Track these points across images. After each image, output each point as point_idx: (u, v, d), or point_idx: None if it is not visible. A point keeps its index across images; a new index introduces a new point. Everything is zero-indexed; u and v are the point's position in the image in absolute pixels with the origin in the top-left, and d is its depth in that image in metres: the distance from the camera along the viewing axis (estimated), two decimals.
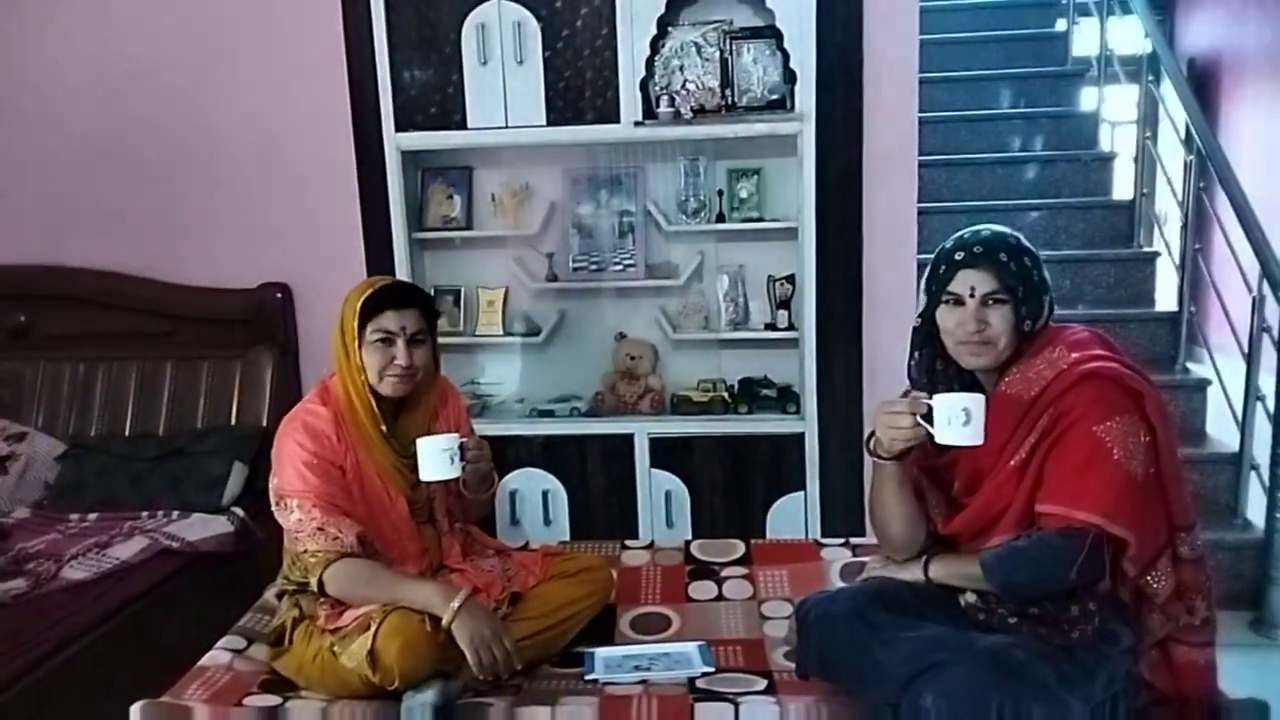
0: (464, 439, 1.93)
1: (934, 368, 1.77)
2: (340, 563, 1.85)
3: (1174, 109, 3.83)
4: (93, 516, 2.82)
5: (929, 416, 1.63)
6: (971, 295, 1.66)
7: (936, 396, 1.64)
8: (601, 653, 2.02)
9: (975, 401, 1.61)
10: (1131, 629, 1.67)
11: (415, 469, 1.94)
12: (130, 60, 3.19)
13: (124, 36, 3.18)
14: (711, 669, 1.95)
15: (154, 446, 2.99)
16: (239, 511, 2.85)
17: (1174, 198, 3.83)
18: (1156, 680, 1.70)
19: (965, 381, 1.76)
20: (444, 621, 1.78)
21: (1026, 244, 1.70)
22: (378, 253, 3.03)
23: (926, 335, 1.76)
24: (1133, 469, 1.58)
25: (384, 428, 1.96)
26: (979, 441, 1.61)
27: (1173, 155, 3.90)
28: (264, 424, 3.02)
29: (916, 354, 1.79)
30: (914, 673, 1.59)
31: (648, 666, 1.96)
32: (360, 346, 1.93)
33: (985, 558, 1.68)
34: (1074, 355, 1.65)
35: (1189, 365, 3.69)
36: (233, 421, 3.08)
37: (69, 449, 3.04)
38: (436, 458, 1.88)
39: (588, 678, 1.93)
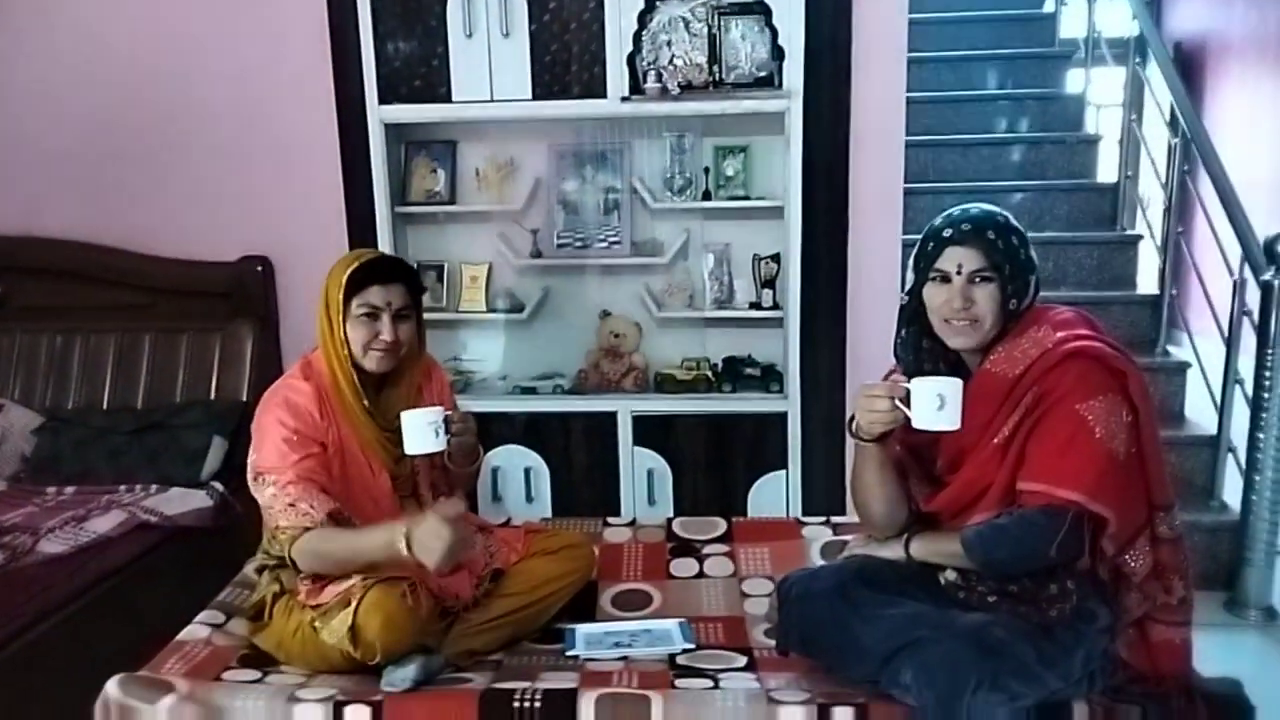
0: (449, 412, 1.92)
1: (919, 345, 1.77)
2: (304, 536, 1.82)
3: (1160, 92, 3.84)
4: (70, 490, 2.80)
5: (907, 400, 1.64)
6: (958, 273, 1.67)
7: (914, 381, 1.64)
8: (582, 629, 2.03)
9: (952, 387, 1.61)
10: (1109, 608, 1.68)
11: (399, 443, 1.92)
12: (111, 31, 3.13)
13: (104, 8, 3.12)
14: (692, 646, 1.96)
15: (132, 420, 2.96)
16: (218, 486, 2.83)
17: (1158, 180, 3.84)
18: (1133, 659, 1.72)
19: (950, 360, 1.76)
20: (402, 550, 1.71)
21: (1014, 223, 1.71)
22: (360, 226, 3.00)
23: (913, 313, 1.76)
24: (1114, 448, 1.59)
25: (366, 402, 1.95)
26: (955, 427, 1.62)
27: (1157, 138, 3.91)
28: (244, 398, 3.00)
29: (903, 331, 1.79)
30: (893, 650, 1.61)
31: (628, 643, 1.97)
32: (344, 320, 1.91)
33: (966, 535, 1.69)
34: (1059, 334, 1.66)
35: (1169, 348, 3.72)
36: (212, 395, 3.06)
37: (46, 421, 3.00)
38: (421, 431, 1.86)
39: (568, 654, 1.94)
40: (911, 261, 1.75)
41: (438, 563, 1.69)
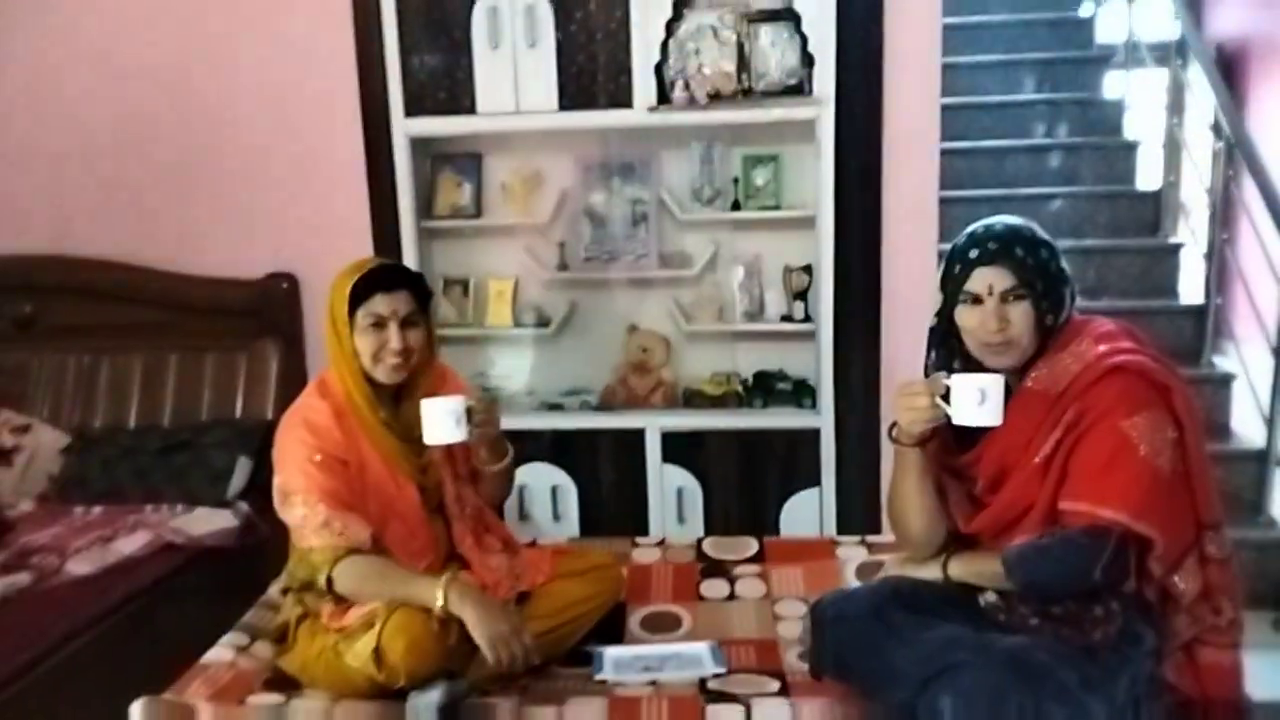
0: (471, 401, 1.88)
1: (951, 368, 1.72)
2: (351, 559, 1.81)
3: (1202, 95, 3.75)
4: (97, 510, 2.79)
5: (947, 397, 1.61)
6: (990, 293, 1.63)
7: (954, 376, 1.62)
8: (611, 652, 1.98)
9: (994, 381, 1.59)
10: (1155, 630, 1.62)
11: (421, 452, 1.90)
12: (136, 48, 3.15)
13: (130, 25, 3.14)
14: (723, 670, 1.91)
15: (158, 439, 2.96)
16: (244, 505, 2.82)
17: (1201, 186, 3.75)
18: (1180, 682, 1.66)
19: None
20: (437, 608, 1.73)
21: (1042, 235, 1.66)
22: (386, 242, 2.99)
23: (944, 334, 1.72)
24: (1159, 465, 1.54)
25: (383, 415, 1.92)
26: (997, 422, 1.59)
27: (1200, 143, 3.82)
28: (269, 417, 2.98)
29: (932, 354, 1.75)
30: (931, 674, 1.56)
31: (658, 667, 1.92)
32: (352, 333, 1.88)
33: (1007, 556, 1.64)
34: (1100, 348, 1.61)
35: (1214, 359, 3.62)
36: (238, 414, 3.05)
37: (73, 441, 3.01)
38: (441, 419, 1.82)
39: (596, 677, 1.89)
40: (939, 282, 1.71)
41: (491, 647, 1.72)
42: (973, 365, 1.70)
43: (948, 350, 1.72)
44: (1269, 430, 3.12)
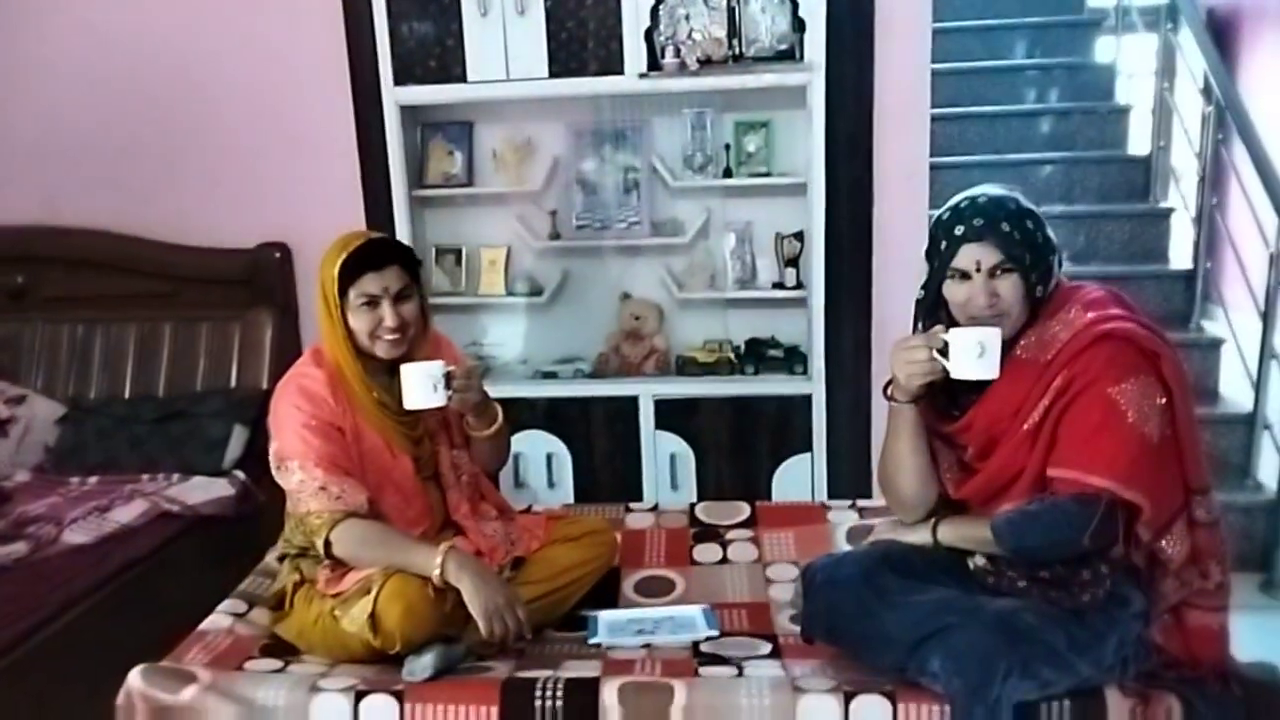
0: (450, 366, 1.89)
1: None
2: (349, 523, 1.82)
3: (1192, 60, 3.74)
4: (93, 480, 2.80)
5: (945, 353, 1.62)
6: (978, 270, 1.63)
7: (953, 330, 1.63)
8: (605, 616, 2.01)
9: (991, 335, 1.60)
10: (1143, 593, 1.65)
11: (415, 424, 1.92)
12: (126, 18, 3.11)
13: None
14: (716, 633, 1.94)
15: (154, 409, 2.97)
16: (240, 474, 2.83)
17: (1191, 151, 3.75)
18: (1168, 644, 1.68)
19: None
20: (435, 578, 1.75)
21: (1026, 205, 1.66)
22: (377, 210, 2.98)
23: (931, 307, 1.72)
24: (1147, 432, 1.55)
25: (376, 395, 1.92)
26: (994, 375, 1.60)
27: (1190, 108, 3.81)
28: (264, 386, 2.98)
29: (919, 325, 1.76)
30: (921, 637, 1.58)
31: (652, 630, 1.95)
32: (345, 312, 1.88)
33: (996, 522, 1.65)
34: (1089, 315, 1.62)
35: (1203, 323, 3.64)
36: (232, 383, 3.05)
37: (68, 412, 3.01)
38: (420, 384, 1.84)
39: (591, 641, 1.92)
40: (925, 254, 1.71)
41: (486, 619, 1.73)
42: None
43: (935, 322, 1.72)
44: (1256, 394, 3.13)
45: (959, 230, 1.63)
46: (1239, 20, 5.23)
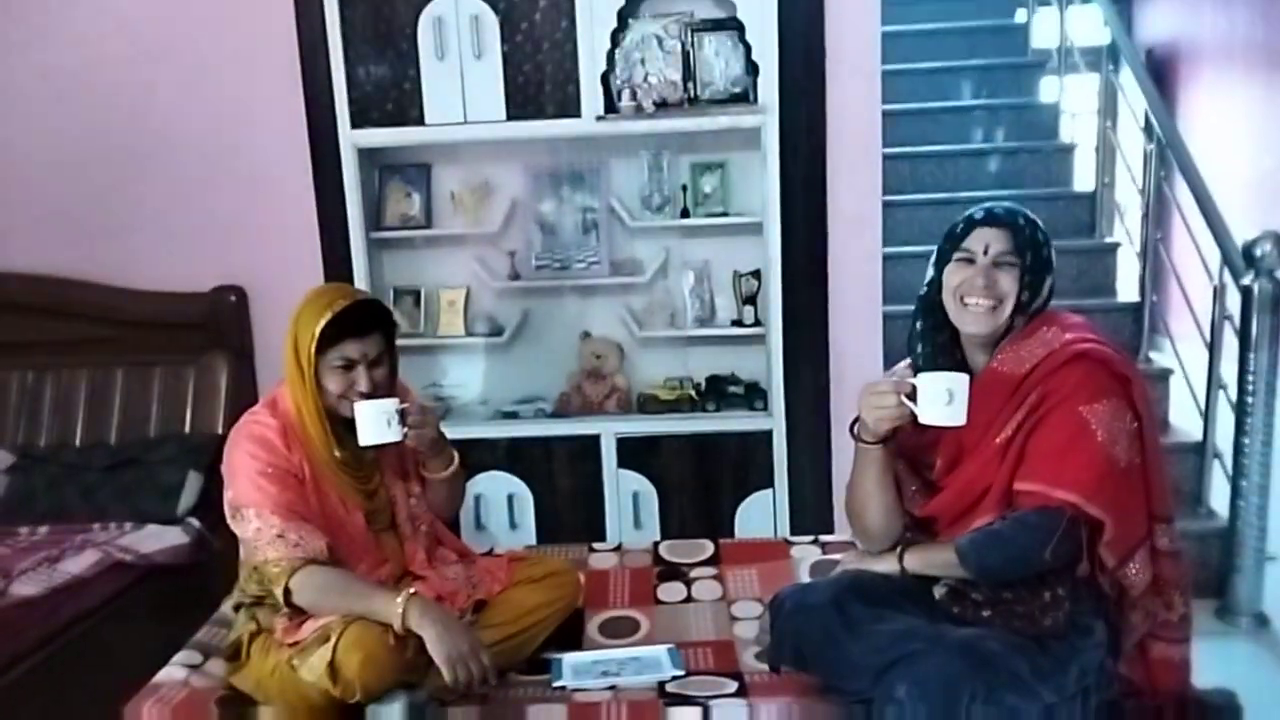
0: (404, 404, 1.88)
1: (936, 339, 1.76)
2: (308, 570, 1.79)
3: (1134, 98, 3.86)
4: (43, 529, 2.74)
5: (913, 396, 1.64)
6: (985, 253, 1.67)
7: (920, 376, 1.65)
8: (569, 659, 1.98)
9: (959, 381, 1.62)
10: (1105, 622, 1.66)
11: (369, 479, 1.92)
12: (76, 58, 3.09)
13: (70, 34, 3.08)
14: (682, 672, 1.92)
15: (106, 456, 2.91)
16: (194, 522, 2.78)
17: (1135, 187, 3.85)
18: (1131, 674, 1.70)
19: (958, 359, 1.75)
20: (397, 626, 1.73)
21: (1041, 224, 1.72)
22: (334, 253, 2.97)
23: (930, 303, 1.75)
24: (1115, 453, 1.58)
25: (338, 454, 1.90)
26: (961, 422, 1.62)
27: (1133, 145, 3.92)
28: (219, 431, 2.94)
29: (918, 324, 1.78)
30: (887, 663, 1.59)
31: (617, 672, 1.93)
32: (317, 369, 1.85)
33: (960, 543, 1.67)
34: (1067, 335, 1.66)
35: (1151, 355, 3.71)
36: (187, 429, 3.00)
37: (17, 460, 2.94)
38: (374, 420, 1.83)
39: (555, 684, 1.89)
40: (934, 254, 1.74)
41: (450, 666, 1.71)
42: (954, 338, 1.74)
43: (934, 321, 1.75)
44: (1205, 423, 3.19)
45: (979, 214, 1.69)
46: (1177, 60, 5.41)
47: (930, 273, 1.75)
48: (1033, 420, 1.63)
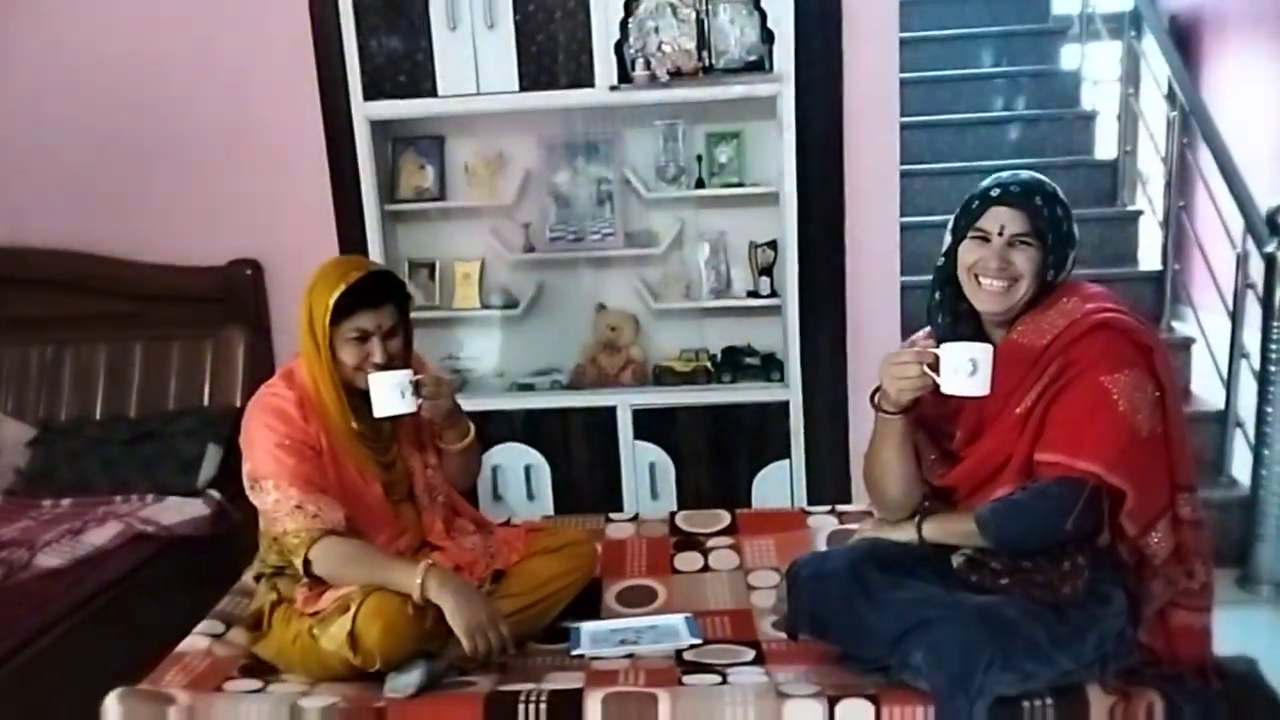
0: (419, 375, 1.88)
1: (955, 309, 1.74)
2: (328, 540, 1.80)
3: (1156, 66, 3.80)
4: (66, 502, 2.77)
5: (935, 366, 1.62)
6: (1000, 234, 1.64)
7: (944, 346, 1.63)
8: (587, 627, 2.00)
9: (983, 351, 1.60)
10: (1125, 591, 1.65)
11: (386, 450, 1.93)
12: (93, 35, 3.09)
13: (86, 11, 3.08)
14: (699, 641, 1.93)
15: (126, 429, 2.93)
16: (215, 494, 2.80)
17: (1157, 155, 3.80)
18: (1151, 642, 1.69)
19: (978, 328, 1.74)
20: (416, 596, 1.74)
21: (1061, 195, 1.68)
22: (349, 226, 2.96)
23: (948, 275, 1.73)
24: (1137, 422, 1.57)
25: (355, 425, 1.91)
26: (985, 392, 1.60)
27: (1155, 113, 3.87)
28: (238, 404, 2.94)
29: (936, 294, 1.76)
30: (904, 630, 1.59)
31: (634, 640, 1.94)
32: (333, 342, 1.86)
33: (980, 512, 1.66)
34: (1088, 305, 1.64)
35: (1173, 324, 3.68)
36: (205, 402, 3.02)
37: (39, 434, 2.96)
38: (388, 392, 1.84)
39: (574, 653, 1.91)
40: (951, 222, 1.72)
41: (469, 636, 1.72)
42: (972, 309, 1.71)
43: (953, 291, 1.73)
44: (1227, 392, 3.17)
45: (995, 192, 1.66)
46: (1201, 26, 5.33)
47: (948, 240, 1.73)
48: (1053, 390, 1.61)
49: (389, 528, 1.97)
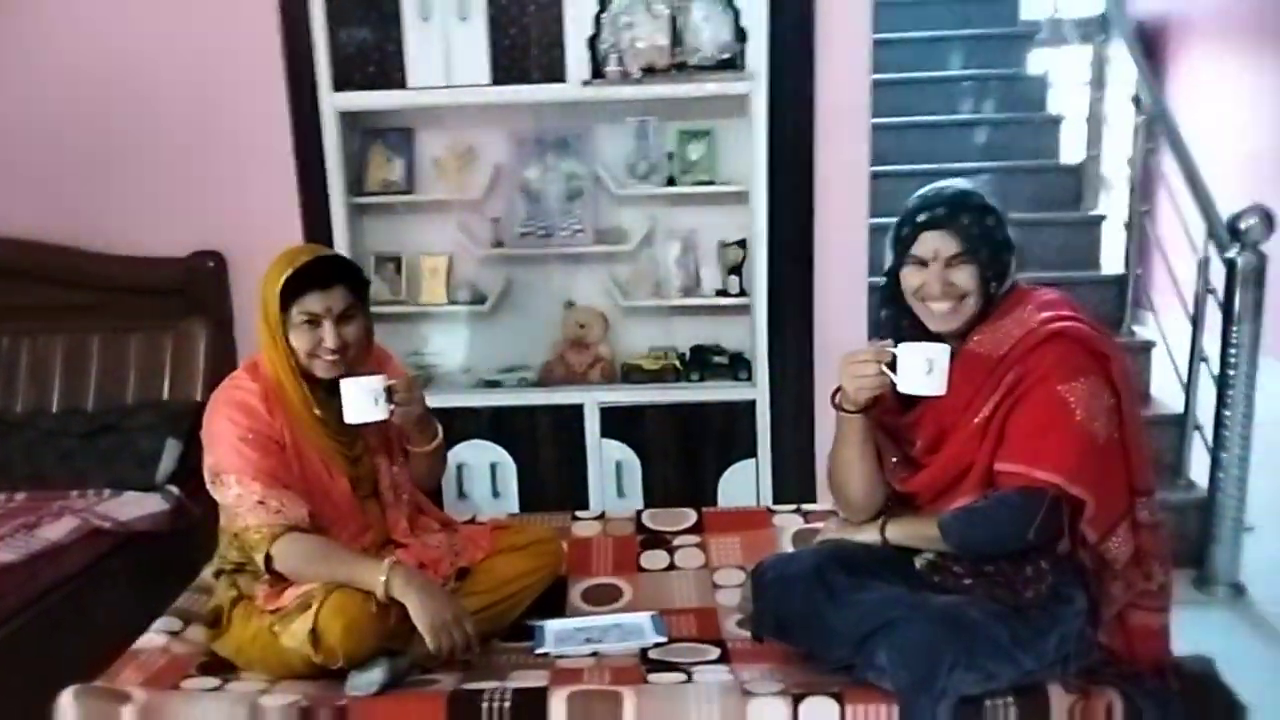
0: (391, 381, 1.86)
1: (900, 325, 1.75)
2: (290, 537, 1.79)
3: (1123, 71, 3.85)
4: (20, 496, 2.71)
5: (893, 366, 1.63)
6: (935, 258, 1.65)
7: (901, 345, 1.64)
8: (552, 625, 1.99)
9: (939, 351, 1.61)
10: (1086, 592, 1.67)
11: (353, 444, 1.90)
12: (55, 23, 3.02)
13: (45, 2, 3.02)
14: (664, 639, 1.93)
15: (83, 422, 2.88)
16: (173, 489, 2.76)
17: (1122, 160, 3.85)
18: (1111, 643, 1.71)
19: (932, 338, 1.73)
20: (380, 594, 1.73)
21: (990, 202, 1.68)
22: (315, 218, 2.93)
23: (892, 292, 1.74)
24: (1094, 430, 1.58)
25: (318, 412, 1.89)
26: (941, 392, 1.62)
27: (1121, 118, 3.92)
28: (198, 398, 2.91)
29: (883, 312, 1.77)
30: (868, 632, 1.60)
31: (599, 638, 1.94)
32: (286, 330, 1.84)
33: (943, 519, 1.68)
34: (1043, 315, 1.65)
35: (1134, 327, 3.74)
36: (165, 396, 2.97)
37: None
38: (361, 399, 1.82)
39: (538, 651, 1.91)
40: (888, 241, 1.73)
41: (434, 634, 1.71)
42: (921, 324, 1.72)
43: (897, 307, 1.74)
44: (1186, 396, 3.22)
45: (921, 217, 1.66)
46: (1168, 33, 5.40)
47: (889, 258, 1.73)
48: (1011, 400, 1.62)
49: (353, 524, 1.95)
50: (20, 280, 3.06)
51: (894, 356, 1.64)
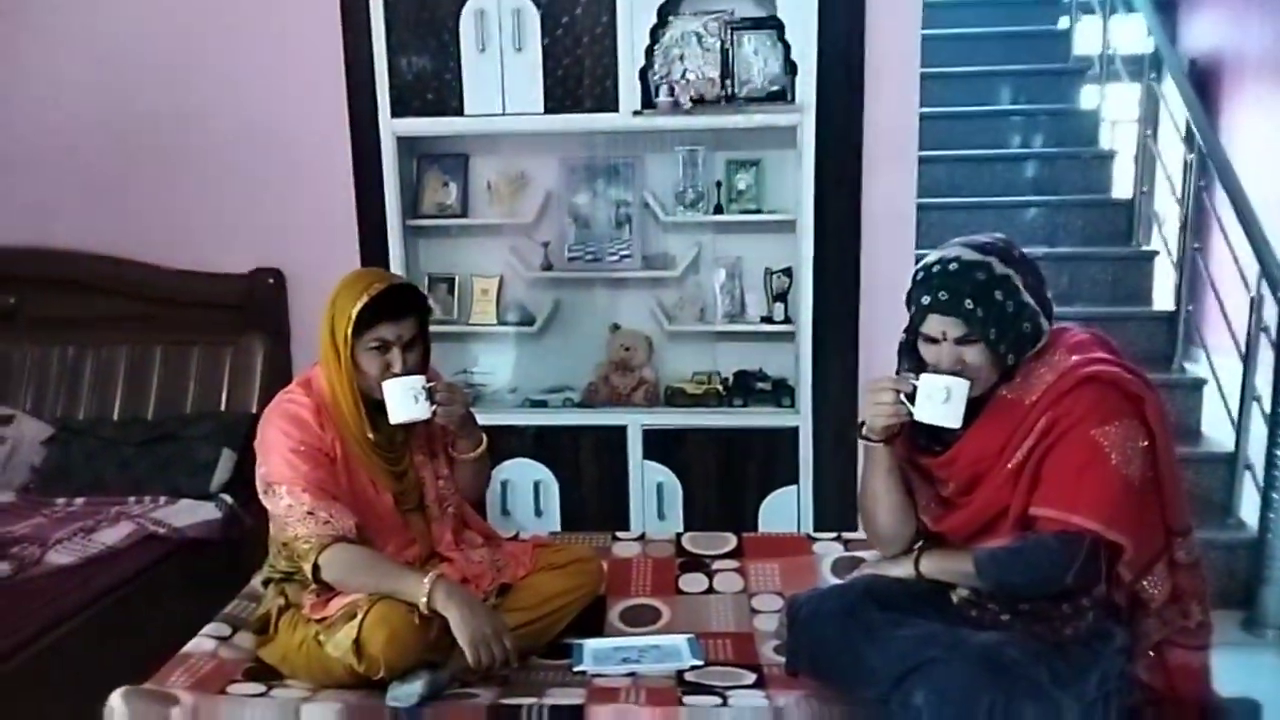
0: (432, 381, 1.91)
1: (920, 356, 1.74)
2: (338, 547, 1.82)
3: (1175, 108, 3.82)
4: (79, 501, 2.79)
5: (913, 398, 1.64)
6: (944, 338, 1.65)
7: (924, 375, 1.65)
8: (590, 644, 2.01)
9: (958, 384, 1.62)
10: (1125, 628, 1.66)
11: (399, 460, 1.96)
12: (124, 43, 3.15)
13: (118, 18, 3.14)
14: (701, 662, 1.94)
15: (142, 431, 2.96)
16: (227, 498, 2.82)
17: (1173, 196, 3.82)
18: (1152, 680, 1.69)
19: None
20: (423, 607, 1.76)
21: (999, 271, 1.62)
22: (372, 239, 3.00)
23: (912, 347, 1.73)
24: (1130, 474, 1.57)
25: (371, 436, 1.93)
26: (956, 424, 1.62)
27: (1173, 154, 3.89)
28: (254, 410, 2.97)
29: (903, 366, 1.77)
30: (905, 671, 1.58)
31: (636, 659, 1.95)
32: (354, 352, 1.88)
33: (979, 556, 1.67)
34: (1074, 358, 1.64)
35: (1185, 364, 3.69)
36: (222, 407, 3.05)
37: (56, 432, 3.00)
38: (403, 396, 1.86)
39: (576, 669, 1.92)
40: (904, 300, 1.72)
41: (473, 648, 1.74)
42: None
43: (918, 365, 1.73)
44: (1237, 434, 3.17)
45: (925, 300, 1.64)
46: (1220, 71, 5.35)
47: (909, 318, 1.72)
48: (1045, 445, 1.61)
49: (398, 537, 1.99)
50: (88, 292, 3.17)
51: (915, 387, 1.64)
